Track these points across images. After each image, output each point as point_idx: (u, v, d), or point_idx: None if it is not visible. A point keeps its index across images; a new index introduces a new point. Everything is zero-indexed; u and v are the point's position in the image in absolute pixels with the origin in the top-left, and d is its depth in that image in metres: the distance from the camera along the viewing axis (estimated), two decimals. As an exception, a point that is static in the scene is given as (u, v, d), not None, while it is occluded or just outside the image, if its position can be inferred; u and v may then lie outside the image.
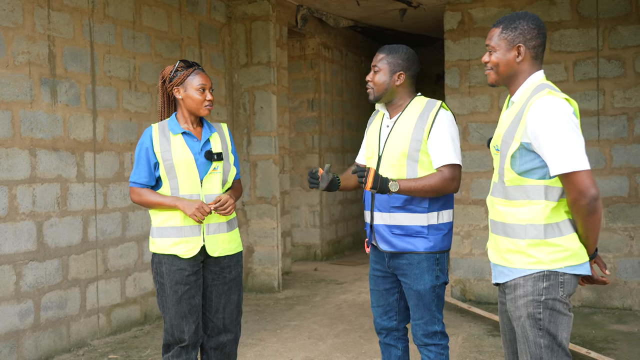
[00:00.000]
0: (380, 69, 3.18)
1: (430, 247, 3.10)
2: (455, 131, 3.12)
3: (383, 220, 3.15)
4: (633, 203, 5.96)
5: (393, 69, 3.16)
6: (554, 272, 2.32)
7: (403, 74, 3.17)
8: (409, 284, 3.14)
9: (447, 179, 3.03)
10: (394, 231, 3.12)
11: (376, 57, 3.22)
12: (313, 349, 4.98)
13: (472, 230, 6.38)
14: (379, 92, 3.18)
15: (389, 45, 3.26)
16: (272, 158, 7.09)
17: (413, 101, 3.21)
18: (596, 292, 6.08)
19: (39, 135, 4.75)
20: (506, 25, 2.46)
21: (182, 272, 3.20)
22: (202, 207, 3.13)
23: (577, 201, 2.25)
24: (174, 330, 3.22)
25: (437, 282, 3.13)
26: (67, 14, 4.99)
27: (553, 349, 2.32)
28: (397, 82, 3.16)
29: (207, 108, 3.24)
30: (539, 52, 2.46)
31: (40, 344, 4.74)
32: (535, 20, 2.45)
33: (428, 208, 3.09)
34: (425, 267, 3.10)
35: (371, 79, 3.20)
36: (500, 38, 2.47)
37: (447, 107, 3.17)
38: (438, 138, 3.05)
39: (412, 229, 3.10)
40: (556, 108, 2.28)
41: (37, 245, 4.73)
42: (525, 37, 2.43)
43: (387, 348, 3.34)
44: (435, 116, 3.08)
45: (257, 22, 7.02)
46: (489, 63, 2.50)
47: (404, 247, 3.11)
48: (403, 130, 3.13)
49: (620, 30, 5.99)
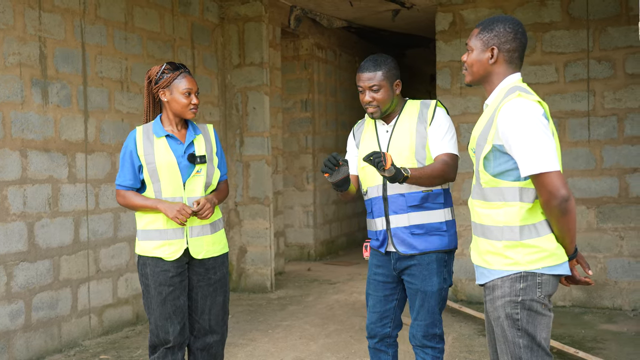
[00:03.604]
0: (380, 86, 3.14)
1: (446, 244, 3.14)
2: (452, 128, 3.18)
3: (401, 222, 3.14)
4: (623, 203, 5.99)
5: (391, 80, 3.19)
6: (531, 273, 2.34)
7: (399, 80, 3.22)
8: (416, 284, 3.14)
9: (449, 164, 3.07)
10: (414, 231, 3.12)
11: (371, 77, 3.14)
12: (304, 349, 5.00)
13: (464, 230, 6.41)
14: (385, 108, 3.18)
15: (372, 61, 3.18)
16: (264, 158, 7.11)
17: (407, 104, 3.27)
18: (586, 292, 6.11)
19: (30, 136, 4.77)
20: (484, 26, 2.50)
21: (166, 274, 3.22)
22: (183, 209, 3.15)
23: (548, 202, 2.27)
24: (159, 331, 3.24)
25: (445, 285, 3.16)
26: (58, 15, 5.00)
27: (532, 348, 2.35)
28: (397, 90, 3.21)
29: (192, 111, 3.26)
30: (514, 57, 2.47)
31: (32, 345, 4.75)
32: (514, 25, 2.47)
33: (444, 204, 3.14)
34: (434, 268, 3.12)
35: (373, 99, 3.15)
36: (477, 39, 2.50)
37: (441, 104, 3.24)
38: (438, 130, 3.12)
39: (432, 226, 3.12)
40: (525, 110, 2.30)
41: (28, 246, 4.74)
42: (500, 39, 2.46)
43: (377, 353, 3.34)
44: (434, 112, 3.16)
45: (249, 22, 7.04)
46: (466, 63, 2.54)
47: (424, 247, 3.11)
48: (406, 130, 3.17)
49: (610, 31, 6.02)
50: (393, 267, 3.20)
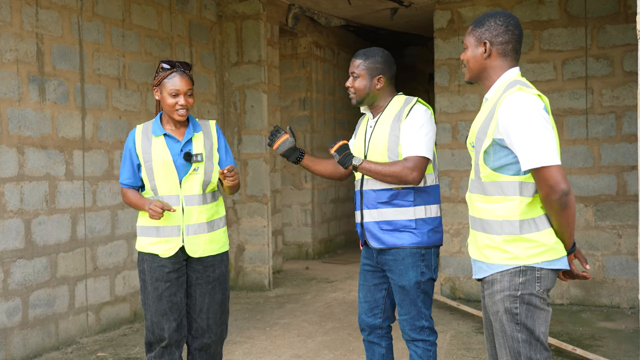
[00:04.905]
0: (359, 75, 3.24)
1: (417, 242, 3.14)
2: (429, 126, 3.15)
3: (372, 217, 3.20)
4: (621, 201, 5.99)
5: (372, 73, 3.23)
6: (531, 267, 2.34)
7: (382, 77, 3.24)
8: (394, 279, 3.18)
9: (407, 167, 3.06)
10: (382, 227, 3.16)
11: (353, 64, 3.27)
12: (301, 347, 5.00)
13: (462, 228, 6.40)
14: (361, 97, 3.26)
15: (364, 50, 3.31)
16: (262, 157, 7.10)
17: (392, 100, 3.28)
18: (584, 289, 6.11)
19: (27, 133, 4.75)
20: (476, 23, 2.53)
21: (162, 269, 3.21)
22: (153, 203, 3.12)
23: (548, 196, 2.27)
24: (155, 328, 3.22)
25: (422, 279, 3.15)
26: (56, 11, 4.99)
27: (531, 343, 2.34)
28: (377, 85, 3.23)
29: (179, 113, 3.19)
30: (507, 49, 2.48)
31: (29, 342, 4.74)
32: (505, 18, 2.48)
33: (414, 202, 3.14)
34: (409, 263, 3.14)
35: (351, 85, 3.26)
36: (470, 35, 2.53)
37: (424, 102, 3.23)
38: (408, 130, 3.12)
39: (399, 223, 3.14)
40: (527, 104, 2.30)
41: (25, 243, 4.72)
42: (492, 33, 2.47)
43: (371, 346, 3.36)
44: (409, 111, 3.15)
45: (247, 20, 7.03)
46: (464, 60, 2.55)
47: (392, 242, 3.15)
48: (382, 128, 3.20)
49: (608, 29, 6.01)
50: (376, 261, 3.26)
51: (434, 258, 3.20)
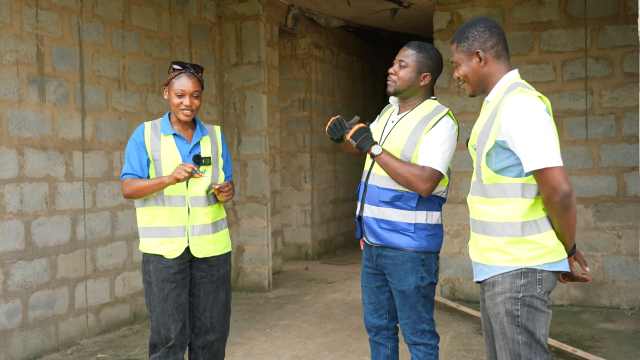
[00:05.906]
0: (407, 65, 3.12)
1: (416, 246, 3.11)
2: (450, 142, 3.08)
3: (372, 213, 3.17)
4: (621, 202, 5.99)
5: (420, 68, 3.12)
6: (532, 270, 2.34)
7: (429, 75, 3.14)
8: (394, 284, 3.16)
9: (423, 176, 3.01)
10: (381, 225, 3.14)
11: (404, 52, 3.15)
12: (302, 348, 5.00)
13: (462, 229, 6.40)
14: (401, 87, 3.14)
15: (419, 42, 3.19)
16: (262, 157, 7.10)
17: (423, 103, 3.18)
18: (584, 290, 6.11)
19: (27, 134, 4.75)
20: (459, 38, 2.53)
21: (168, 270, 3.21)
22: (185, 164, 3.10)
23: (550, 198, 2.27)
24: (161, 329, 3.23)
25: (422, 283, 3.13)
26: (56, 13, 4.99)
27: (531, 345, 2.34)
28: (421, 82, 3.13)
29: (184, 113, 3.21)
30: (499, 50, 2.49)
31: (29, 343, 4.73)
32: (484, 22, 2.50)
33: (415, 207, 3.10)
34: (409, 267, 3.11)
35: (395, 73, 3.14)
36: (458, 52, 2.53)
37: (453, 116, 3.15)
38: (430, 142, 3.04)
39: (399, 225, 3.11)
40: (528, 105, 2.31)
41: (25, 245, 4.72)
42: (479, 41, 2.48)
43: (377, 346, 3.35)
44: (437, 122, 3.07)
45: (247, 21, 7.03)
46: (460, 77, 2.55)
47: (390, 241, 3.11)
48: (403, 129, 3.13)
49: (608, 30, 6.02)
50: (375, 264, 3.23)
51: (434, 262, 3.18)
